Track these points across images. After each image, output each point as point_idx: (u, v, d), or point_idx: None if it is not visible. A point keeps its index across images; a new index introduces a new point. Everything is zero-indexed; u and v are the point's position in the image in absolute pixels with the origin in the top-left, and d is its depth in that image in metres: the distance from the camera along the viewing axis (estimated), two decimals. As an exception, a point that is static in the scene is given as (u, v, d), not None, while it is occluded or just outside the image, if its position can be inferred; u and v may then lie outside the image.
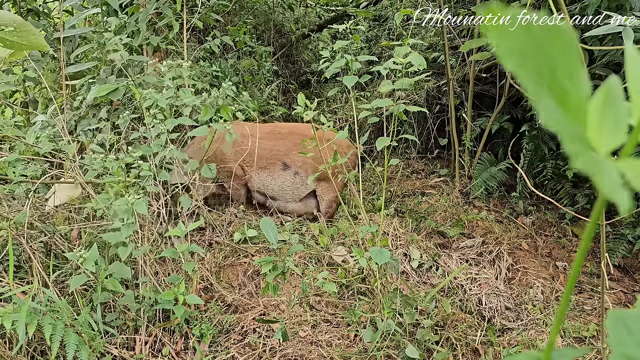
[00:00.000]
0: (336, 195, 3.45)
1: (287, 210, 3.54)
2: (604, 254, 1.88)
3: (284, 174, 3.44)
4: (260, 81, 4.65)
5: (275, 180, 3.45)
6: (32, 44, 1.29)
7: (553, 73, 0.32)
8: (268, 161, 3.43)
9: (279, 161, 3.43)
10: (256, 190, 3.52)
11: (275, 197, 3.51)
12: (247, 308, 2.60)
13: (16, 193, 2.81)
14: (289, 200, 3.51)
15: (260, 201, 3.58)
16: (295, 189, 3.47)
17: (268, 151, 3.40)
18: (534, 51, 0.32)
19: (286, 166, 3.44)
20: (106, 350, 2.18)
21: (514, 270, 3.10)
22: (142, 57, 3.08)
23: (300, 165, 3.44)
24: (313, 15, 6.04)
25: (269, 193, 3.49)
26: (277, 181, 3.45)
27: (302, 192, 3.49)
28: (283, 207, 3.54)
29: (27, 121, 3.73)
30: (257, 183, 3.47)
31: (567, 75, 0.32)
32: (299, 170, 3.44)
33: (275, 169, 3.44)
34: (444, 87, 4.66)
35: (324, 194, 3.47)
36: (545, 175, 3.82)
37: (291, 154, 3.43)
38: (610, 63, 3.31)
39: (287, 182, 3.45)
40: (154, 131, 2.37)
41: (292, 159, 3.44)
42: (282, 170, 3.44)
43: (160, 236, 2.65)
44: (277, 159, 3.43)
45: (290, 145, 3.43)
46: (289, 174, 3.44)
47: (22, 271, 2.43)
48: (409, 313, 2.41)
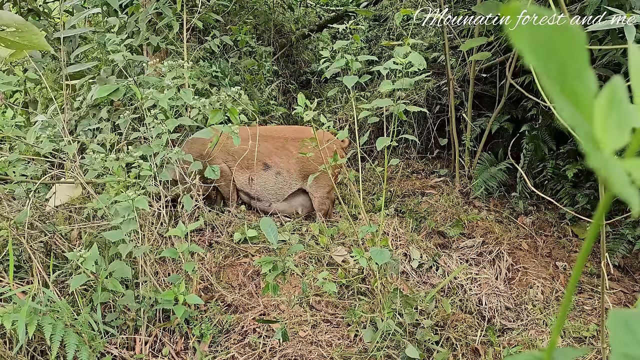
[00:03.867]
0: (327, 191, 3.48)
1: (272, 211, 3.58)
2: (604, 254, 1.88)
3: (265, 174, 3.51)
4: (260, 81, 4.65)
5: (257, 180, 3.51)
6: (33, 44, 1.29)
7: (564, 72, 0.33)
8: (250, 162, 3.49)
9: (259, 162, 3.48)
10: (240, 190, 3.58)
11: (260, 198, 3.57)
12: (247, 308, 2.60)
13: (16, 193, 2.81)
14: (272, 201, 3.57)
15: (245, 201, 3.63)
16: (278, 189, 3.53)
17: (250, 152, 3.44)
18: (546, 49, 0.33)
19: (267, 166, 3.50)
20: (106, 350, 2.18)
21: (514, 270, 3.10)
22: (142, 57, 3.08)
23: (282, 165, 3.49)
24: (313, 15, 6.04)
25: (253, 194, 3.56)
26: (259, 181, 3.52)
27: (286, 191, 3.54)
28: (267, 208, 3.59)
29: (28, 121, 3.73)
30: (241, 182, 3.54)
31: (577, 75, 0.33)
32: (281, 170, 3.49)
33: (256, 170, 3.50)
34: (444, 87, 4.66)
35: (314, 192, 3.50)
36: (545, 175, 3.82)
37: (272, 155, 3.50)
38: (610, 63, 3.31)
39: (269, 182, 3.52)
40: (154, 131, 2.37)
41: (273, 160, 3.51)
42: (263, 170, 3.51)
43: (161, 236, 2.65)
44: (258, 160, 3.47)
45: (271, 147, 3.50)
46: (270, 174, 3.50)
47: (22, 271, 2.44)
48: (409, 313, 2.41)
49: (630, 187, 0.29)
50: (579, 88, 0.33)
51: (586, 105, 0.33)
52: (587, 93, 0.33)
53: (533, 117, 4.01)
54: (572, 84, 0.33)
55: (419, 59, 2.14)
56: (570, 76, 0.33)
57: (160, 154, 2.34)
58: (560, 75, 0.33)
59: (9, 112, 4.07)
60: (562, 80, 0.33)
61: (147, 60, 3.08)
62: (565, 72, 0.33)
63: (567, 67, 0.33)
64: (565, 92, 0.32)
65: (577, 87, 0.33)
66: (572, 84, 0.33)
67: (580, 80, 0.33)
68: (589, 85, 0.33)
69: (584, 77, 0.33)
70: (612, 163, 0.30)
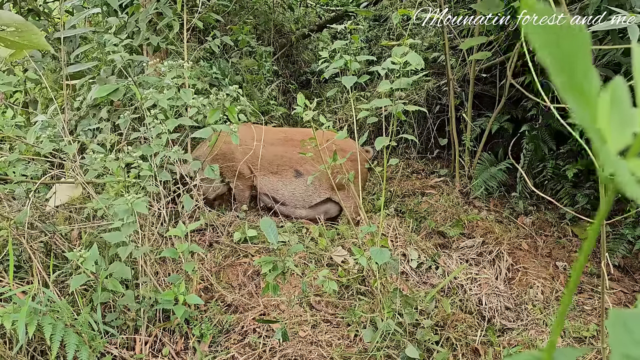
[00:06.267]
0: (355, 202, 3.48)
1: (295, 215, 3.55)
2: (604, 254, 1.88)
3: (296, 182, 3.45)
4: (260, 81, 4.65)
5: (287, 186, 3.46)
6: (33, 44, 1.29)
7: (572, 71, 0.33)
8: (279, 167, 3.44)
9: (291, 168, 3.43)
10: (264, 193, 3.52)
11: (285, 203, 3.52)
12: (247, 308, 2.60)
13: (16, 193, 2.81)
14: (298, 207, 3.52)
15: (267, 204, 3.59)
16: (307, 197, 3.48)
17: (279, 157, 3.40)
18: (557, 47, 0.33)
19: (299, 174, 3.44)
20: (106, 350, 2.18)
21: (514, 270, 3.10)
22: (142, 57, 3.08)
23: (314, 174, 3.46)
24: (313, 15, 6.04)
25: (279, 198, 3.49)
26: (289, 187, 3.46)
27: (314, 200, 3.49)
28: (291, 212, 3.55)
29: (28, 121, 3.73)
30: (267, 187, 3.48)
31: (584, 74, 0.33)
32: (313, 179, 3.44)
33: (287, 176, 3.45)
34: (444, 87, 4.66)
35: (345, 201, 3.46)
36: (545, 175, 3.82)
37: (304, 163, 3.43)
38: (610, 63, 3.31)
39: (298, 189, 3.46)
40: (154, 131, 2.37)
41: (306, 168, 3.44)
42: (294, 177, 3.45)
43: (161, 236, 2.65)
44: (289, 166, 3.43)
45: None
46: (301, 181, 3.44)
47: (22, 271, 2.44)
48: (409, 313, 2.41)
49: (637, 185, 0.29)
50: (587, 87, 0.33)
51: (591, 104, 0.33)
52: (592, 92, 0.33)
53: (533, 117, 4.01)
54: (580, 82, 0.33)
55: (416, 58, 2.14)
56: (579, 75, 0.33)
57: (160, 153, 2.34)
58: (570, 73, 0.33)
59: (9, 112, 4.07)
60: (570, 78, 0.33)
61: (147, 60, 3.08)
62: (574, 71, 0.33)
63: (575, 66, 0.33)
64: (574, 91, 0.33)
65: (584, 86, 0.33)
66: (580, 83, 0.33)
67: (587, 79, 0.33)
68: (594, 83, 0.33)
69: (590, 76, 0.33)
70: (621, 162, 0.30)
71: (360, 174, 3.39)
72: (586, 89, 0.33)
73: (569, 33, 0.33)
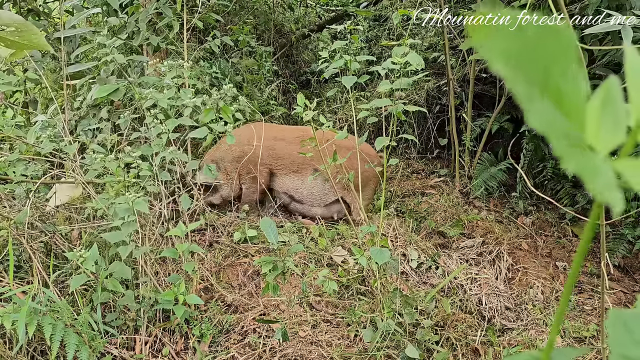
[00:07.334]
0: (367, 203, 3.49)
1: (311, 213, 3.57)
2: (604, 254, 1.88)
3: (314, 180, 3.46)
4: (260, 81, 4.65)
5: (305, 184, 3.47)
6: (33, 44, 1.29)
7: (547, 73, 0.32)
8: (300, 166, 3.45)
9: (310, 167, 3.44)
10: (283, 192, 3.54)
11: (302, 201, 3.53)
12: (247, 308, 2.60)
13: (17, 193, 2.81)
14: (314, 205, 3.54)
15: (285, 203, 3.60)
16: (323, 195, 3.50)
17: (300, 156, 3.41)
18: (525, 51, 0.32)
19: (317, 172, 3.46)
20: (106, 350, 2.18)
21: (514, 270, 3.10)
22: (142, 57, 3.08)
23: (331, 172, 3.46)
24: (313, 15, 6.03)
25: (298, 196, 3.52)
26: (307, 185, 3.47)
27: (330, 198, 3.51)
28: (307, 211, 3.57)
29: (28, 121, 3.73)
30: (288, 185, 3.50)
31: (562, 74, 0.32)
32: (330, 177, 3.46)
33: (307, 174, 3.47)
34: (444, 87, 4.66)
35: (354, 202, 3.48)
36: (545, 175, 3.82)
37: (322, 161, 3.45)
38: (610, 63, 3.31)
39: (316, 187, 3.48)
40: (154, 131, 2.37)
41: None
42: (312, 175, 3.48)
43: (161, 236, 2.65)
44: (309, 164, 3.44)
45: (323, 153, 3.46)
46: (318, 180, 3.45)
47: (22, 271, 2.44)
48: (409, 313, 2.41)
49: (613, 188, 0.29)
50: (567, 88, 0.32)
51: (575, 105, 0.32)
52: (577, 92, 0.33)
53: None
54: (557, 83, 0.32)
55: (417, 58, 2.14)
56: (555, 76, 0.32)
57: (161, 154, 2.34)
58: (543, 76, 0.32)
59: (9, 112, 4.07)
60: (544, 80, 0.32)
61: (147, 60, 3.08)
62: (549, 72, 0.32)
63: (551, 67, 0.32)
64: (549, 93, 0.32)
65: (563, 87, 0.32)
66: (557, 84, 0.32)
67: (568, 80, 0.32)
68: (580, 84, 0.33)
69: (572, 76, 0.33)
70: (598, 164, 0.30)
71: (374, 178, 3.44)
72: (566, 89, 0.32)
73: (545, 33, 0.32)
